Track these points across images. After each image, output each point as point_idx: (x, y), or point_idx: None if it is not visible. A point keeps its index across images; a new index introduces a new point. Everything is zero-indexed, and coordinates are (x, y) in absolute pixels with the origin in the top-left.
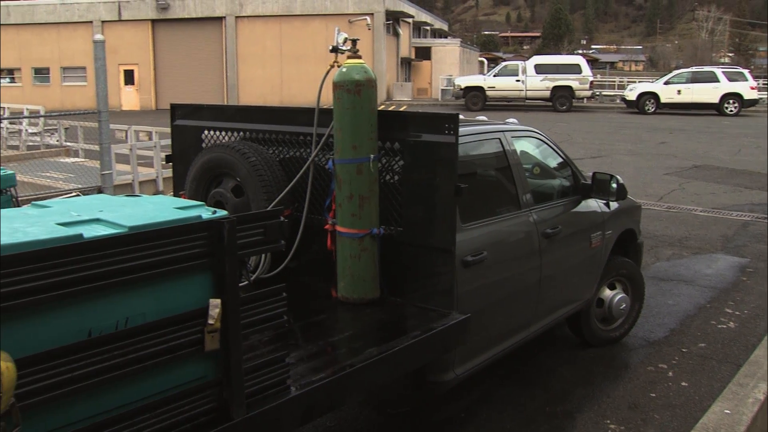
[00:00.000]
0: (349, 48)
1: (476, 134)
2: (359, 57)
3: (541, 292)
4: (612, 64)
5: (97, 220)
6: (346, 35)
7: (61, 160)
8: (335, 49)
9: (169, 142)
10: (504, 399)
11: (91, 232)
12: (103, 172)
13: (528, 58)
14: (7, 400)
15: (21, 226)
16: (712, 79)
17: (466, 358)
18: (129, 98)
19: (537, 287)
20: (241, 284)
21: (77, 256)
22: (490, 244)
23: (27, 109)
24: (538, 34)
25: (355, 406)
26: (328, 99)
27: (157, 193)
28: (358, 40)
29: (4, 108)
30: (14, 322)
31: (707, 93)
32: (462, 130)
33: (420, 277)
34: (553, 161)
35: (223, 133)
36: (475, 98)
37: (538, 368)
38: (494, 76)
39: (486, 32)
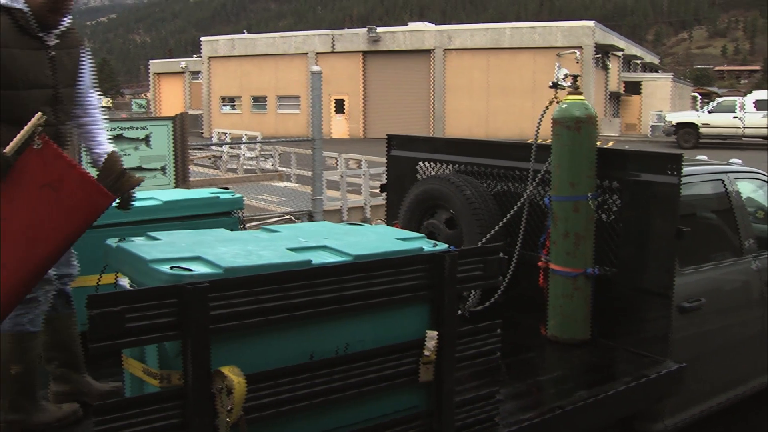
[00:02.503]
0: (569, 84)
1: (699, 174)
2: (580, 93)
3: (762, 345)
4: None
5: (323, 247)
6: (566, 71)
7: (275, 184)
8: (555, 85)
9: (378, 170)
10: None
11: (318, 258)
12: (314, 197)
13: (745, 93)
14: (237, 413)
15: (255, 249)
16: None
17: (677, 410)
18: (339, 127)
19: (757, 340)
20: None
21: (306, 281)
22: (709, 290)
23: (246, 134)
24: (758, 68)
25: None
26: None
27: (364, 220)
28: (579, 76)
29: (225, 133)
30: (246, 340)
31: None
32: (684, 170)
33: (633, 321)
34: None
35: (438, 164)
36: (688, 135)
37: (755, 430)
38: (708, 112)
39: (699, 66)
